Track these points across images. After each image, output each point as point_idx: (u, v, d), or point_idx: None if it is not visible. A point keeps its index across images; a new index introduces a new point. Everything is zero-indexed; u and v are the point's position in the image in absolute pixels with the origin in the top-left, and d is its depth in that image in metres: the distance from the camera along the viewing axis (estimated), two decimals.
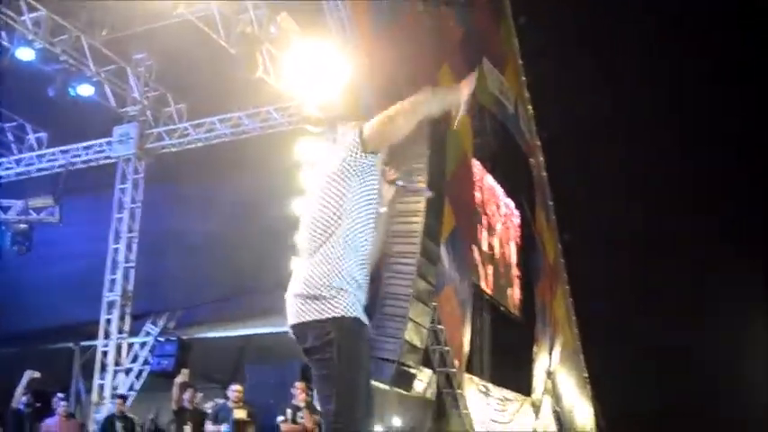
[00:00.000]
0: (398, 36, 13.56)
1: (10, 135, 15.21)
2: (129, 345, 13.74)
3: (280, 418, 9.98)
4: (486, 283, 17.48)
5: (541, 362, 20.21)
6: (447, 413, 14.95)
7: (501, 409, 17.18)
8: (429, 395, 14.32)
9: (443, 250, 14.17)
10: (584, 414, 22.55)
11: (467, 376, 15.56)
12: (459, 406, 15.14)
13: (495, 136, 19.13)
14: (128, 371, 13.53)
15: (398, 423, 13.32)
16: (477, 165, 17.43)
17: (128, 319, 13.39)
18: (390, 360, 11.61)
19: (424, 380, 13.81)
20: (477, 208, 17.44)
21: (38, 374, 10.27)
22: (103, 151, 14.33)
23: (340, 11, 11.88)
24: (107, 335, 13.23)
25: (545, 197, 22.69)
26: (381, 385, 11.62)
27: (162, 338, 14.02)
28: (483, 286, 17.20)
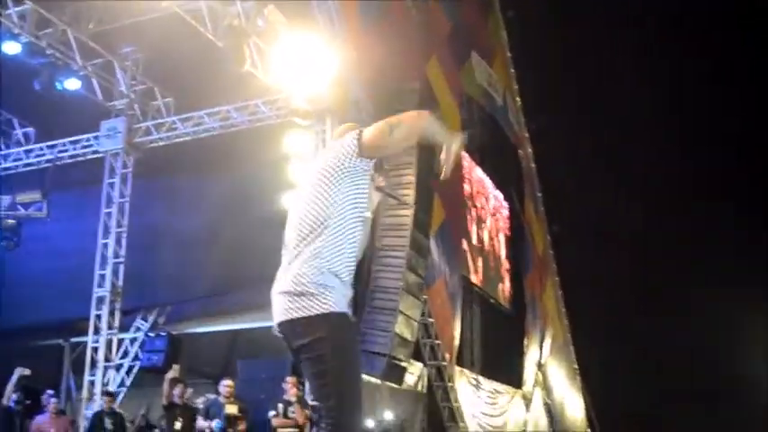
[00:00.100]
0: (387, 30, 13.52)
1: None
2: (120, 341, 13.67)
3: (271, 412, 9.99)
4: (476, 275, 17.50)
5: (532, 354, 20.26)
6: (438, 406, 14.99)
7: (492, 402, 17.23)
8: (420, 388, 14.35)
9: (433, 243, 14.16)
10: (574, 406, 22.61)
11: (457, 369, 15.59)
12: (450, 399, 15.18)
13: (484, 128, 19.13)
14: (118, 367, 13.49)
15: (390, 417, 13.33)
16: (465, 157, 17.43)
17: (117, 314, 13.30)
18: (381, 354, 11.59)
19: (415, 373, 13.83)
20: (466, 201, 17.45)
21: (28, 371, 10.22)
22: (91, 146, 14.24)
23: (328, 3, 11.84)
24: (97, 331, 13.15)
25: (534, 189, 22.73)
26: (372, 379, 11.61)
27: (152, 334, 13.97)
28: (473, 279, 17.23)
